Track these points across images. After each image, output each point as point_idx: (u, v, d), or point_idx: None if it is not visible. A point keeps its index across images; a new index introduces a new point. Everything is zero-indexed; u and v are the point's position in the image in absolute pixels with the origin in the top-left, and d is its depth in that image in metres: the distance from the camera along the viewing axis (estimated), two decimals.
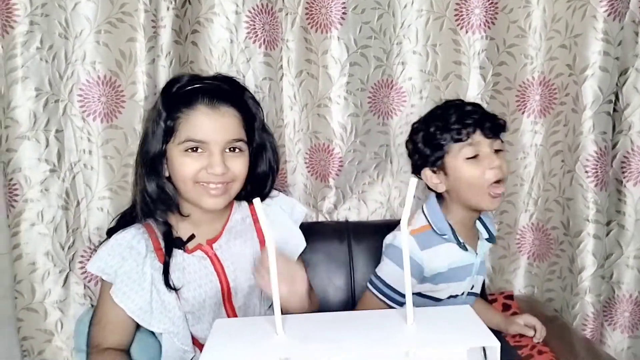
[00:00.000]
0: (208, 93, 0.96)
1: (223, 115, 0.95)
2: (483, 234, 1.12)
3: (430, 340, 0.60)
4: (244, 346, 0.60)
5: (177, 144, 0.94)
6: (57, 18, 1.04)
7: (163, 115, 0.95)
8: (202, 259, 1.00)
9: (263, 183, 1.07)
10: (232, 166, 0.96)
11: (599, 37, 1.17)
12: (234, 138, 0.95)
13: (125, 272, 0.96)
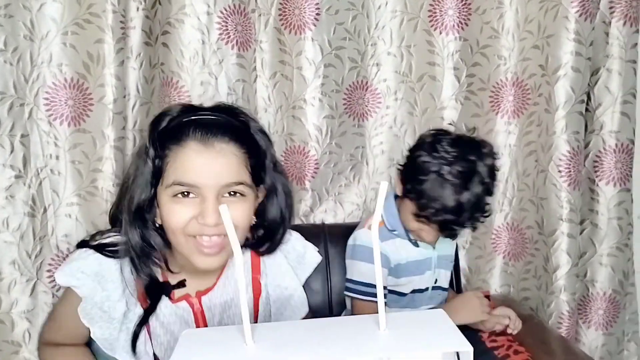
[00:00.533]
0: (201, 126, 0.82)
1: (219, 153, 0.80)
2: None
3: (403, 346, 0.60)
4: (212, 356, 0.58)
5: (165, 187, 0.81)
6: (21, 19, 1.01)
7: (150, 154, 0.83)
8: (185, 311, 0.91)
9: (272, 232, 0.94)
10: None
11: (570, 37, 1.18)
12: (233, 181, 0.81)
13: (98, 302, 0.86)
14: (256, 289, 0.96)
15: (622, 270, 1.34)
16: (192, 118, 0.84)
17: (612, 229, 1.32)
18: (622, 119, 1.27)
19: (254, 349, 0.59)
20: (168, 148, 0.82)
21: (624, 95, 1.25)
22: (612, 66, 1.25)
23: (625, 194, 1.30)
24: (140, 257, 0.86)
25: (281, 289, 0.97)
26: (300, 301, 0.99)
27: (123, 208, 0.86)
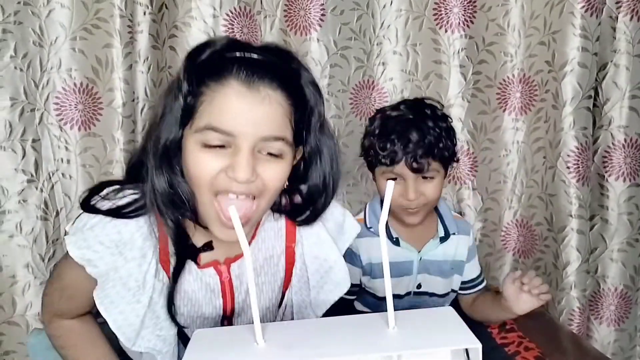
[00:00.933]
0: (247, 65, 0.70)
1: (263, 99, 0.69)
2: (439, 233, 1.11)
3: (412, 344, 0.60)
4: (224, 355, 0.59)
5: (194, 131, 0.69)
6: (30, 25, 1.02)
7: (184, 89, 0.71)
8: (212, 278, 0.82)
9: (312, 200, 0.82)
10: (264, 173, 0.70)
11: (577, 33, 1.18)
12: (273, 135, 0.70)
13: (120, 278, 0.75)
14: (289, 256, 0.86)
15: (633, 266, 1.34)
16: (237, 55, 0.71)
17: (623, 224, 1.31)
18: (631, 113, 1.26)
19: (264, 348, 0.60)
20: (205, 84, 0.70)
21: (632, 89, 1.25)
22: (619, 61, 1.24)
23: (635, 188, 1.30)
24: (168, 206, 0.74)
25: (320, 261, 0.88)
26: (342, 275, 0.89)
27: (148, 151, 0.74)
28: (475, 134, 1.31)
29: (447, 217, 1.14)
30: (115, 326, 0.76)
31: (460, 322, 0.62)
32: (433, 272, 1.12)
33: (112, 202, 0.76)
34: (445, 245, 1.11)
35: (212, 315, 0.83)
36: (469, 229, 1.16)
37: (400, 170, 1.00)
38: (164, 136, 0.72)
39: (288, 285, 0.88)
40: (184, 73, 0.71)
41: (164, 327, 0.78)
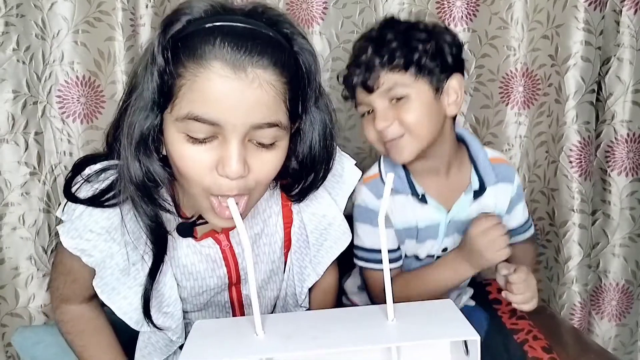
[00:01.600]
0: (231, 37, 0.60)
1: (252, 82, 0.60)
2: (473, 185, 0.95)
3: (411, 336, 0.60)
4: (223, 347, 0.59)
5: (174, 118, 0.62)
6: (33, 18, 1.03)
7: (159, 63, 0.62)
8: (212, 249, 0.79)
9: (299, 176, 0.76)
10: (256, 166, 0.65)
11: (580, 27, 1.17)
12: (267, 122, 0.62)
13: (117, 264, 0.73)
14: (287, 217, 0.83)
15: (635, 261, 1.34)
16: (218, 24, 0.62)
17: (625, 219, 1.31)
18: (634, 108, 1.25)
19: (264, 339, 0.60)
20: (183, 65, 0.61)
21: (635, 84, 1.24)
22: (623, 55, 1.23)
23: (638, 184, 1.29)
24: (141, 195, 0.68)
25: (318, 218, 0.84)
26: (342, 230, 0.85)
27: (122, 133, 0.67)
28: (477, 128, 1.30)
29: (482, 163, 0.96)
30: (121, 312, 0.75)
31: (459, 314, 0.63)
32: (465, 230, 0.95)
33: (94, 186, 0.72)
34: (480, 200, 0.95)
35: (218, 284, 0.82)
36: (512, 173, 1.00)
37: (362, 98, 0.88)
38: (140, 122, 0.64)
39: (289, 247, 0.86)
40: (158, 45, 0.62)
41: (169, 303, 0.78)
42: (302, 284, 0.88)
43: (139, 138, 0.65)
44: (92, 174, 0.73)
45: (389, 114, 0.86)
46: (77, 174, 0.74)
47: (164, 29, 0.64)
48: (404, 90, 0.85)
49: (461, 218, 0.96)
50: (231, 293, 0.86)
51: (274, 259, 0.85)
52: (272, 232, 0.84)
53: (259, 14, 0.66)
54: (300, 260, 0.87)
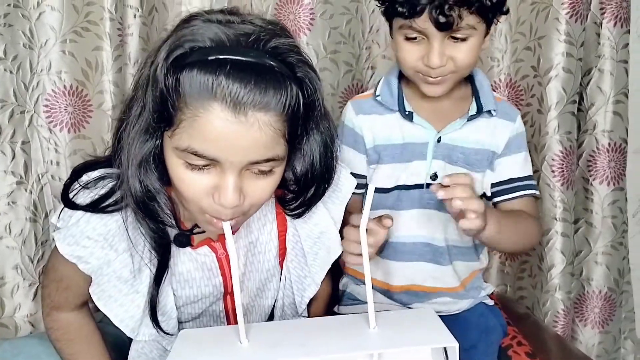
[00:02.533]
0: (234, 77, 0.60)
1: (252, 126, 0.61)
2: (470, 110, 0.92)
3: (393, 343, 0.61)
4: (208, 355, 0.60)
5: (174, 146, 0.64)
6: (20, 28, 1.03)
7: (161, 91, 0.63)
8: (208, 257, 0.80)
9: (300, 192, 0.77)
10: (252, 192, 0.67)
11: (561, 38, 1.20)
12: (263, 159, 0.65)
13: (114, 271, 0.73)
14: (281, 224, 0.84)
15: (618, 269, 1.35)
16: (222, 57, 0.61)
17: (607, 227, 1.33)
18: (615, 118, 1.28)
19: (248, 348, 0.61)
20: (184, 101, 0.62)
21: (616, 95, 1.27)
22: (603, 66, 1.26)
23: (619, 192, 1.32)
24: (143, 212, 0.70)
25: (310, 226, 0.84)
26: (334, 239, 0.85)
27: (122, 150, 0.69)
28: None
29: (484, 91, 0.93)
30: (117, 320, 0.76)
31: (439, 322, 0.64)
32: (456, 159, 0.93)
33: (93, 192, 0.73)
34: (475, 125, 0.91)
35: (214, 293, 0.83)
36: (515, 114, 0.96)
37: (421, 25, 0.80)
38: (141, 145, 0.67)
39: (284, 254, 0.87)
40: (160, 70, 0.63)
41: (165, 312, 0.78)
42: (303, 293, 0.88)
43: (140, 159, 0.68)
44: (90, 181, 0.74)
45: (445, 51, 0.82)
46: (75, 180, 0.75)
47: (168, 54, 0.64)
48: (469, 32, 0.82)
49: (452, 142, 0.92)
50: (226, 302, 0.87)
51: (268, 267, 0.86)
52: (266, 241, 0.84)
53: (265, 42, 0.64)
54: (299, 270, 0.87)
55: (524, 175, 0.97)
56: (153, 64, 0.65)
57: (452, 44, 0.82)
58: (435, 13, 0.78)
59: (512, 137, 0.95)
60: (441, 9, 0.77)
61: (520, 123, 0.97)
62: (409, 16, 0.80)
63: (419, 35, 0.83)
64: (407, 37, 0.84)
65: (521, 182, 0.97)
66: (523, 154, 0.98)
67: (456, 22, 0.78)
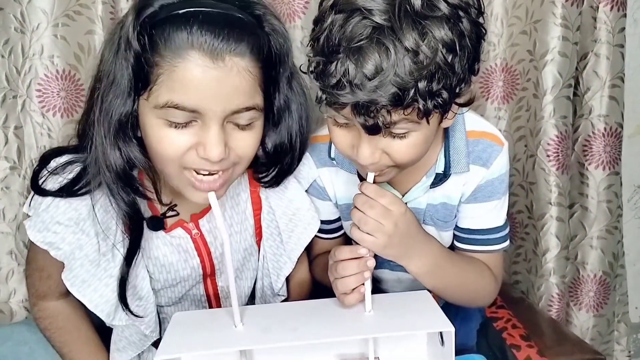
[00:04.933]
0: (208, 25, 0.61)
1: (230, 70, 0.62)
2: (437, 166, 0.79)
3: (388, 327, 0.62)
4: (202, 338, 0.60)
5: (153, 106, 0.63)
6: (12, 12, 1.02)
7: (134, 49, 0.62)
8: (182, 239, 0.80)
9: (275, 160, 0.76)
10: (237, 146, 0.67)
11: (557, 22, 1.19)
12: (244, 107, 0.64)
13: (87, 255, 0.73)
14: (256, 203, 0.83)
15: (612, 253, 1.36)
16: (192, 9, 0.61)
17: (602, 212, 1.33)
18: (611, 103, 1.27)
19: (242, 331, 0.61)
20: (159, 54, 0.61)
21: (612, 79, 1.26)
22: (600, 51, 1.25)
23: (614, 177, 1.32)
24: (121, 183, 0.68)
25: (285, 202, 0.84)
26: (311, 214, 0.84)
27: (96, 121, 0.67)
28: None
29: (455, 143, 0.79)
30: (92, 305, 0.75)
31: (435, 306, 0.64)
32: (426, 221, 0.84)
33: (62, 177, 0.72)
34: (443, 187, 0.80)
35: (192, 276, 0.82)
36: (493, 154, 0.79)
37: (347, 115, 0.66)
38: (117, 109, 0.65)
39: (260, 233, 0.86)
40: (133, 31, 0.62)
41: (142, 296, 0.77)
42: (279, 272, 0.87)
43: (117, 125, 0.66)
44: (58, 166, 0.74)
45: (378, 146, 0.68)
46: (44, 166, 0.75)
47: (137, 14, 0.64)
48: (405, 127, 0.66)
49: (419, 204, 0.83)
50: (206, 285, 0.86)
51: (245, 246, 0.85)
52: (242, 220, 0.84)
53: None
54: (275, 248, 0.87)
55: (489, 228, 0.83)
56: (123, 28, 0.64)
57: (388, 138, 0.67)
58: (360, 113, 0.63)
59: (482, 185, 0.81)
60: (366, 109, 0.62)
61: (499, 166, 0.80)
62: (329, 106, 0.66)
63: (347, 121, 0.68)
64: (335, 121, 0.70)
65: (484, 235, 0.83)
66: (494, 202, 0.82)
67: (386, 124, 0.64)
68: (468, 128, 0.79)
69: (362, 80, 0.61)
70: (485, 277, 0.84)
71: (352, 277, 0.65)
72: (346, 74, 0.61)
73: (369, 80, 0.60)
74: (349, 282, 0.65)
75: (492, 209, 0.82)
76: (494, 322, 1.12)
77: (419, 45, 0.59)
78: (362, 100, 0.61)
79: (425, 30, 0.60)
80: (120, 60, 0.64)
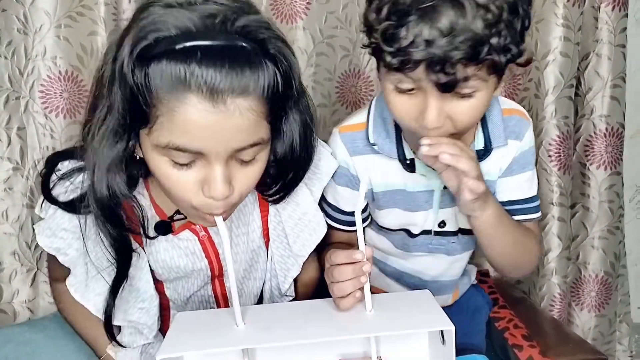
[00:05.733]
0: (207, 63, 0.56)
1: (233, 112, 0.59)
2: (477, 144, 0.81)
3: (389, 326, 0.62)
4: (204, 338, 0.61)
5: (155, 144, 0.61)
6: (15, 13, 1.02)
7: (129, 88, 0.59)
8: (190, 241, 0.79)
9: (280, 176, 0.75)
10: (241, 183, 0.66)
11: (559, 22, 1.19)
12: (249, 144, 0.63)
13: (94, 260, 0.74)
14: (263, 205, 0.83)
15: (614, 253, 1.36)
16: (189, 44, 0.57)
17: (604, 212, 1.33)
18: (612, 103, 1.27)
19: (244, 330, 0.61)
20: (157, 96, 0.58)
21: (614, 79, 1.26)
22: (601, 51, 1.25)
23: (616, 177, 1.32)
24: (106, 216, 0.68)
25: (292, 207, 0.83)
26: (317, 220, 0.83)
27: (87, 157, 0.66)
28: None
29: (493, 119, 0.81)
30: (95, 310, 0.76)
31: (435, 305, 0.64)
32: None
33: (69, 187, 0.72)
34: (483, 164, 0.80)
35: (201, 277, 0.82)
36: (524, 129, 0.84)
37: (416, 77, 0.66)
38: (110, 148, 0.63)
39: (268, 234, 0.86)
40: (127, 66, 0.59)
41: (145, 299, 0.77)
42: (286, 273, 0.87)
43: (109, 163, 0.65)
44: (67, 172, 0.74)
45: (444, 109, 0.69)
46: (51, 171, 0.75)
47: (132, 48, 0.60)
48: (477, 86, 0.67)
49: None
50: (214, 286, 0.87)
51: (253, 247, 0.86)
52: (249, 221, 0.84)
53: (232, 22, 0.61)
54: (282, 250, 0.87)
55: (525, 198, 0.86)
56: (117, 60, 0.61)
57: (455, 100, 0.68)
58: (435, 71, 0.64)
59: (517, 157, 0.84)
60: (442, 65, 0.63)
61: (529, 138, 0.85)
62: (399, 69, 0.66)
63: (414, 86, 0.68)
64: (399, 88, 0.70)
65: (521, 204, 0.86)
66: (528, 173, 0.86)
67: (461, 79, 0.65)
68: (503, 106, 0.83)
69: (438, 37, 0.62)
70: (532, 239, 0.87)
71: (348, 282, 0.65)
72: (421, 33, 0.63)
73: (444, 37, 0.62)
74: (345, 287, 0.65)
75: (527, 180, 0.86)
76: (495, 322, 1.12)
77: (489, 4, 0.63)
78: (438, 56, 0.63)
79: None
80: (115, 94, 0.61)
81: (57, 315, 0.95)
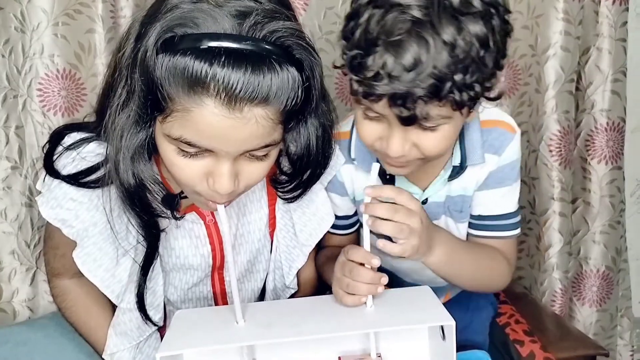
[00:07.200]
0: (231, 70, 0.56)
1: (249, 120, 0.59)
2: (454, 159, 0.81)
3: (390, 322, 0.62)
4: (204, 335, 0.60)
5: (166, 132, 0.61)
6: (12, 11, 1.02)
7: (150, 78, 0.59)
8: (195, 224, 0.78)
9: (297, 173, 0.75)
10: (248, 177, 0.66)
11: (559, 17, 1.18)
12: (260, 146, 0.63)
13: (101, 232, 0.71)
14: (271, 192, 0.82)
15: (615, 247, 1.36)
16: (214, 45, 0.56)
17: (605, 206, 1.33)
18: (613, 97, 1.27)
19: (244, 327, 0.61)
20: (175, 91, 0.57)
21: (615, 73, 1.26)
22: (602, 45, 1.24)
23: (617, 172, 1.31)
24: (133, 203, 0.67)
25: (308, 210, 0.84)
26: (325, 210, 0.83)
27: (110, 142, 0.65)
28: None
29: (470, 134, 0.80)
30: (103, 285, 0.74)
31: (436, 300, 0.64)
32: (446, 214, 0.86)
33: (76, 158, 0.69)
34: (460, 179, 0.81)
35: (201, 265, 0.81)
36: (505, 141, 0.81)
37: (380, 110, 0.67)
38: (134, 136, 0.63)
39: (274, 224, 0.86)
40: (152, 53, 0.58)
41: (151, 277, 0.75)
42: (291, 264, 0.86)
43: (133, 152, 0.64)
44: (74, 143, 0.71)
45: (409, 138, 0.69)
46: (57, 144, 0.72)
47: (157, 39, 0.59)
48: (436, 121, 0.68)
49: (440, 199, 0.84)
50: (213, 281, 0.86)
51: (259, 237, 0.85)
52: (256, 209, 0.83)
53: (262, 26, 0.59)
54: (288, 239, 0.86)
55: (500, 214, 0.84)
56: (141, 48, 0.60)
57: (420, 131, 0.69)
58: (397, 104, 0.64)
59: (493, 171, 0.82)
60: (403, 100, 0.63)
61: (511, 152, 0.82)
62: (364, 98, 0.67)
63: (379, 114, 0.69)
64: (366, 114, 0.72)
65: (496, 220, 0.84)
66: (505, 189, 0.84)
67: (422, 116, 0.65)
68: (482, 118, 0.81)
69: (401, 72, 0.62)
70: (498, 262, 0.85)
71: (364, 286, 0.65)
72: (385, 66, 0.63)
73: (407, 72, 0.62)
74: (359, 288, 0.65)
75: (503, 195, 0.84)
76: (497, 317, 1.11)
77: (456, 40, 0.62)
78: (400, 91, 0.63)
79: (462, 26, 0.62)
80: (136, 80, 0.61)
81: (56, 315, 0.95)
